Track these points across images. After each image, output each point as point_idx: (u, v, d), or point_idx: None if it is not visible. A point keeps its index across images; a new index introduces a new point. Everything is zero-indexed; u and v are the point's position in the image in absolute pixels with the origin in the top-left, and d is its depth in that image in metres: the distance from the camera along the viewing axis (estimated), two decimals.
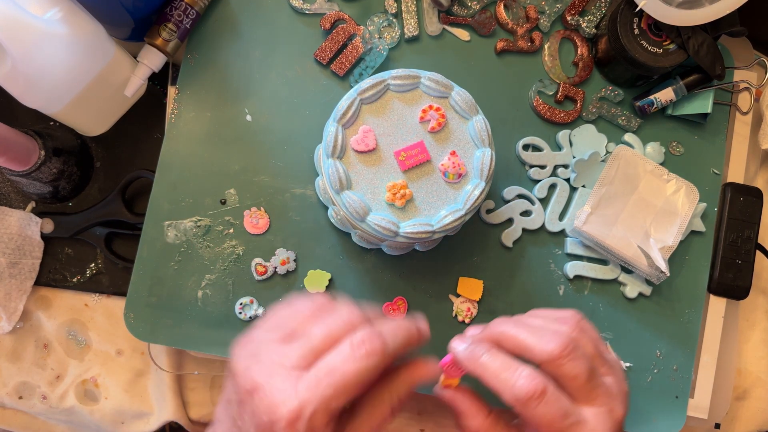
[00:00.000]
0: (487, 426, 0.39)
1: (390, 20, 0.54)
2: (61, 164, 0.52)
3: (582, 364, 0.37)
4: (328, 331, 0.35)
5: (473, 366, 0.38)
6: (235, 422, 0.35)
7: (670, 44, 0.52)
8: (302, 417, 0.32)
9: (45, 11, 0.42)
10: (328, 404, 0.33)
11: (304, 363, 0.34)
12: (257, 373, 0.34)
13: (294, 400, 0.32)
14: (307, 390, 0.33)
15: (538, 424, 0.36)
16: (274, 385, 0.33)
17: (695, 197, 0.54)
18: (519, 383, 0.36)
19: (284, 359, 0.34)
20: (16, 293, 0.54)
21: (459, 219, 0.44)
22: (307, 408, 0.32)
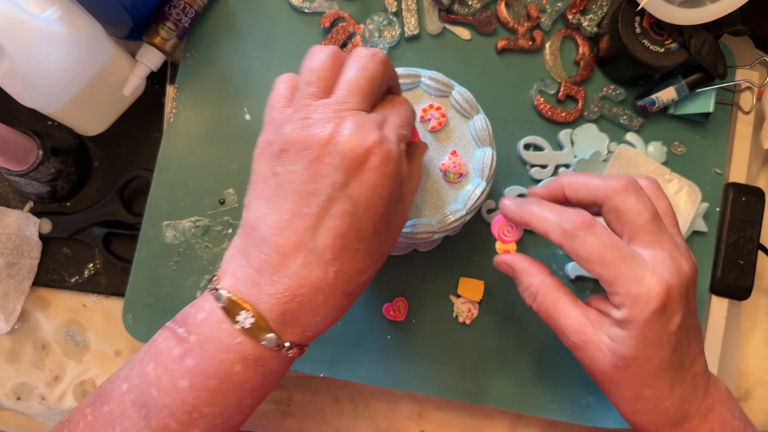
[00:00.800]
0: (550, 283, 0.39)
1: (390, 19, 0.53)
2: (59, 164, 0.51)
3: (648, 203, 0.36)
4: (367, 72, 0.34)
5: (521, 215, 0.39)
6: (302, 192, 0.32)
7: (671, 43, 0.51)
8: (389, 139, 0.33)
9: (43, 10, 0.42)
10: (402, 132, 0.34)
11: (362, 105, 0.34)
12: (322, 125, 0.33)
13: (374, 128, 0.32)
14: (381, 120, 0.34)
15: (587, 258, 0.36)
16: (352, 123, 0.32)
17: (697, 197, 0.53)
18: (567, 217, 0.37)
19: (341, 105, 0.33)
20: (14, 294, 0.53)
21: (459, 219, 0.44)
22: (390, 132, 0.33)
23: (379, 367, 0.51)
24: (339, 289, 0.34)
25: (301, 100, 0.34)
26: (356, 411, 0.55)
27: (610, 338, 0.36)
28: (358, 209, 0.32)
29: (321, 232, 0.32)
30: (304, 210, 0.32)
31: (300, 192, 0.32)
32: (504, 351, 0.52)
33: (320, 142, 0.32)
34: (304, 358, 0.50)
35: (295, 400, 0.55)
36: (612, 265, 0.35)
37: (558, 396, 0.52)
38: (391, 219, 0.34)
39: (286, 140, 0.33)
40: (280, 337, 0.33)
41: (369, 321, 0.51)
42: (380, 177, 0.32)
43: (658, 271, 0.35)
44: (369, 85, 0.34)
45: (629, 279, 0.35)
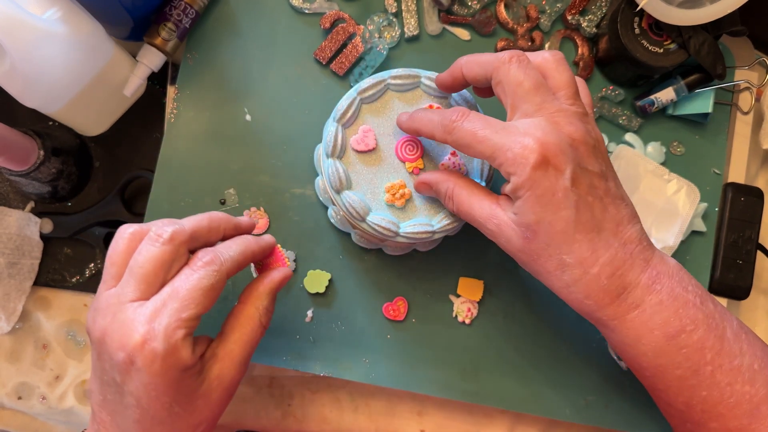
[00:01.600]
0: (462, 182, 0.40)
1: (390, 19, 0.53)
2: (60, 164, 0.52)
3: (530, 74, 0.36)
4: (150, 255, 0.34)
5: (411, 123, 0.41)
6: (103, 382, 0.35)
7: (670, 44, 0.52)
8: (156, 335, 0.32)
9: (44, 10, 0.42)
10: (179, 317, 0.33)
11: (140, 293, 0.34)
12: (101, 321, 0.34)
13: (142, 324, 0.33)
14: (153, 311, 0.33)
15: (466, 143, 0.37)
16: (119, 322, 0.33)
17: (696, 197, 0.54)
18: (446, 114, 0.38)
19: (121, 298, 0.34)
20: (15, 293, 0.53)
21: (459, 219, 0.44)
22: (158, 326, 0.32)
23: (379, 367, 0.51)
24: None
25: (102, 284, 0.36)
26: (356, 410, 0.56)
27: (514, 212, 0.37)
28: (142, 402, 0.33)
29: (124, 418, 0.34)
30: (106, 395, 0.35)
31: (101, 380, 0.35)
32: (503, 350, 0.52)
33: (98, 339, 0.34)
34: (304, 357, 0.50)
35: (295, 399, 0.55)
36: (488, 140, 0.35)
37: (557, 395, 0.52)
38: (193, 397, 0.35)
39: (87, 328, 0.36)
40: None
41: (369, 321, 0.51)
42: (148, 376, 0.33)
43: (531, 132, 0.34)
44: (149, 271, 0.34)
45: (506, 147, 0.35)
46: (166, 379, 0.33)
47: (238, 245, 0.37)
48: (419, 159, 0.45)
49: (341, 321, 0.51)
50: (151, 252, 0.34)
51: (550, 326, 0.53)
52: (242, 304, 0.38)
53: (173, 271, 0.35)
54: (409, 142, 0.45)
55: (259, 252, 0.39)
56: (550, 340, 0.53)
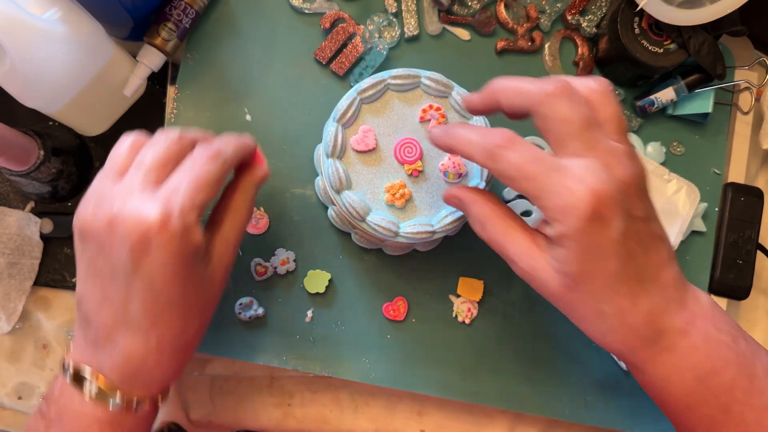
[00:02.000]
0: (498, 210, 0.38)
1: (390, 19, 0.53)
2: (60, 164, 0.52)
3: (579, 109, 0.33)
4: (158, 150, 0.36)
5: (448, 141, 0.38)
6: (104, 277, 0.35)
7: (670, 44, 0.52)
8: (173, 215, 0.33)
9: (44, 10, 0.42)
10: (193, 200, 0.34)
11: (149, 182, 0.35)
12: (107, 208, 0.34)
13: (158, 206, 0.33)
14: (167, 195, 0.34)
15: (510, 176, 0.34)
16: (131, 206, 0.34)
17: (696, 197, 0.54)
18: (488, 138, 0.35)
19: (130, 186, 0.35)
20: (15, 293, 0.54)
21: (459, 219, 0.44)
22: (175, 206, 0.34)
23: (379, 367, 0.51)
24: (166, 350, 0.37)
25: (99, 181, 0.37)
26: (356, 410, 0.56)
27: (555, 259, 0.34)
28: (156, 285, 0.34)
29: (130, 309, 0.35)
30: (111, 292, 0.35)
31: (103, 276, 0.35)
32: (503, 350, 0.53)
33: (104, 226, 0.34)
34: (304, 357, 0.50)
35: (296, 399, 0.55)
36: (535, 179, 0.33)
37: (557, 395, 0.53)
38: (202, 280, 0.37)
39: (81, 223, 0.36)
40: (127, 397, 0.37)
41: (369, 321, 0.51)
42: (166, 255, 0.34)
43: (585, 179, 0.32)
44: (160, 161, 0.36)
45: (554, 191, 0.32)
46: (180, 258, 0.34)
47: (235, 141, 0.40)
48: (418, 161, 0.45)
49: (341, 321, 0.51)
50: (160, 146, 0.36)
51: (550, 326, 0.53)
52: (230, 197, 0.41)
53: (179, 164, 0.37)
54: (407, 144, 0.45)
55: (248, 150, 0.41)
56: (550, 340, 0.53)
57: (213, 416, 0.55)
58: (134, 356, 0.36)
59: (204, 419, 0.56)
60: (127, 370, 0.36)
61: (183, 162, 0.36)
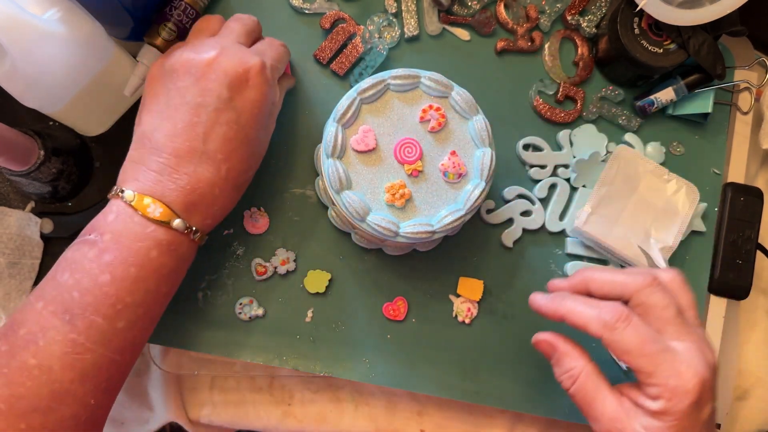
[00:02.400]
0: (591, 369, 0.40)
1: (390, 20, 0.53)
2: (61, 164, 0.52)
3: (672, 299, 0.38)
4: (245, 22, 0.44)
5: (557, 309, 0.40)
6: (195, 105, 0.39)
7: (670, 44, 0.52)
8: (266, 66, 0.41)
9: (44, 11, 0.42)
10: (277, 64, 0.43)
11: (242, 41, 0.42)
12: (207, 52, 0.40)
13: (255, 56, 0.40)
14: (260, 53, 0.42)
15: (627, 350, 0.37)
16: (235, 51, 0.40)
17: (696, 197, 0.54)
18: (605, 310, 0.38)
19: (227, 41, 0.41)
20: (15, 293, 0.54)
21: (459, 219, 0.44)
22: (267, 61, 0.41)
23: (379, 367, 0.51)
24: (230, 183, 0.41)
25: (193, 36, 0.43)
26: (356, 410, 0.56)
27: (644, 428, 0.37)
28: (242, 118, 0.40)
29: (211, 138, 0.39)
30: (194, 119, 0.39)
31: (190, 104, 0.39)
32: (503, 350, 0.53)
33: (205, 62, 0.39)
34: (304, 357, 0.50)
35: (296, 399, 0.55)
36: (651, 357, 0.36)
37: (557, 395, 0.53)
38: (266, 128, 0.43)
39: (175, 61, 0.40)
40: (188, 223, 0.39)
41: (369, 321, 0.51)
42: (258, 93, 0.40)
43: (693, 365, 0.36)
44: (247, 30, 0.43)
45: (667, 372, 0.36)
46: (266, 102, 0.41)
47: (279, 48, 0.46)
48: (418, 161, 0.45)
49: (341, 321, 0.51)
50: (244, 20, 0.44)
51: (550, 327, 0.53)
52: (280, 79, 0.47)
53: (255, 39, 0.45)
54: (407, 144, 0.45)
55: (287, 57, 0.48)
56: None
57: (213, 416, 0.55)
58: (202, 184, 0.39)
59: (204, 419, 0.56)
60: (191, 197, 0.39)
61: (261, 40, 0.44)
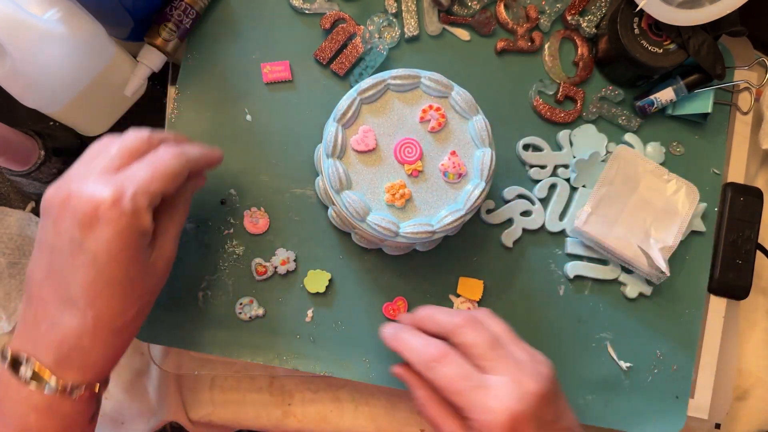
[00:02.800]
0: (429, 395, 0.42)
1: (390, 20, 0.53)
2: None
3: (484, 335, 0.40)
4: (125, 142, 0.39)
5: (395, 343, 0.43)
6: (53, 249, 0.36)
7: (670, 44, 0.52)
8: (125, 196, 0.35)
9: (44, 11, 0.42)
10: (147, 187, 0.36)
11: (110, 168, 0.37)
12: (67, 186, 0.37)
13: (113, 187, 0.36)
14: (125, 178, 0.36)
15: (443, 386, 0.39)
16: (88, 184, 0.36)
17: (695, 197, 0.54)
18: (425, 349, 0.41)
19: (91, 170, 0.37)
20: (15, 293, 0.54)
21: (459, 219, 0.44)
22: (128, 189, 0.36)
23: (379, 367, 0.51)
24: (104, 330, 0.37)
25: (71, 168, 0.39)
26: (356, 410, 0.56)
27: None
28: (99, 260, 0.35)
29: (72, 283, 0.36)
30: (55, 264, 0.36)
31: (51, 248, 0.36)
32: None
33: (59, 201, 0.36)
34: (304, 357, 0.50)
35: (296, 399, 0.56)
36: (463, 394, 0.38)
37: None
38: (146, 264, 0.38)
39: (44, 199, 0.37)
40: (62, 381, 0.36)
41: (369, 321, 0.51)
42: (112, 230, 0.35)
43: (503, 399, 0.37)
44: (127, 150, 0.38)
45: (479, 408, 0.38)
46: (127, 237, 0.36)
47: (201, 147, 0.42)
48: (418, 161, 0.45)
49: (341, 321, 0.51)
50: (126, 140, 0.39)
51: (549, 326, 0.53)
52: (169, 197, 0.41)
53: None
54: (407, 144, 0.45)
55: (213, 161, 0.44)
56: (550, 340, 0.53)
57: (213, 416, 0.55)
58: (69, 335, 0.36)
59: (204, 419, 0.56)
60: (61, 350, 0.36)
61: (146, 156, 0.38)
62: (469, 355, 0.40)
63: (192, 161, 0.40)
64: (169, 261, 0.41)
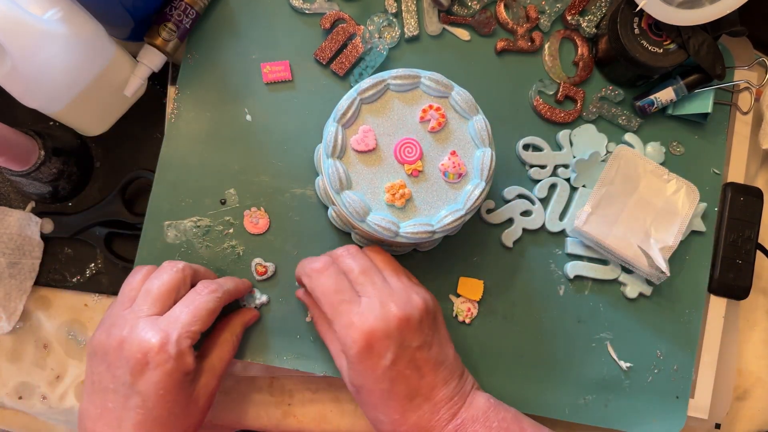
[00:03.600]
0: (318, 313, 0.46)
1: (390, 20, 0.53)
2: (61, 164, 0.52)
3: (361, 262, 0.44)
4: (163, 280, 0.43)
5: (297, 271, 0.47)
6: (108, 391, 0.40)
7: (670, 44, 0.52)
8: (170, 341, 0.40)
9: (45, 11, 0.42)
10: (189, 329, 0.41)
11: (155, 310, 0.42)
12: (118, 332, 0.41)
13: (159, 331, 0.40)
14: (169, 323, 0.41)
15: (318, 297, 0.43)
16: (138, 330, 0.40)
17: (695, 197, 0.54)
18: (310, 263, 0.44)
19: (138, 313, 0.42)
20: (15, 293, 0.54)
21: (459, 219, 0.44)
22: (173, 334, 0.40)
23: None
24: None
25: (114, 308, 0.44)
26: (357, 410, 0.56)
27: (344, 367, 0.44)
28: (149, 402, 0.39)
29: (124, 423, 0.40)
30: (108, 405, 0.40)
31: (105, 390, 0.40)
32: (503, 350, 0.53)
33: (115, 347, 0.40)
34: (304, 357, 0.50)
35: (296, 399, 0.56)
36: (333, 307, 0.42)
37: (557, 395, 0.53)
38: (188, 401, 0.42)
39: (94, 345, 0.42)
40: None
41: None
42: (161, 373, 0.39)
43: (365, 317, 0.41)
44: (166, 290, 0.43)
45: (343, 322, 0.41)
46: (172, 379, 0.40)
47: (233, 281, 0.47)
48: (418, 161, 0.45)
49: None
50: (164, 277, 0.43)
51: (549, 326, 0.53)
52: (220, 330, 0.47)
53: (180, 294, 0.44)
54: (407, 144, 0.45)
55: (244, 290, 0.49)
56: (550, 340, 0.53)
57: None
58: None
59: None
60: None
61: (186, 295, 0.43)
62: (348, 280, 0.43)
63: (225, 297, 0.45)
64: (211, 395, 0.44)
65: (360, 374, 0.41)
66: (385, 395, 0.41)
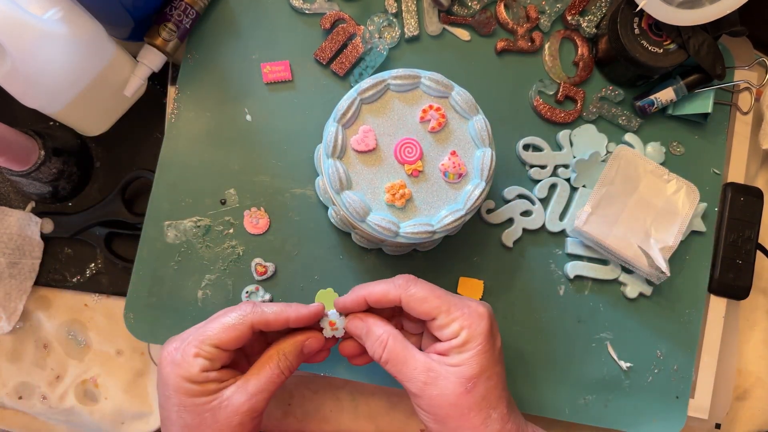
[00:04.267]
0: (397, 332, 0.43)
1: (390, 20, 0.53)
2: (61, 164, 0.52)
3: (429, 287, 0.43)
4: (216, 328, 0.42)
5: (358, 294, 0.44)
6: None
7: (670, 44, 0.52)
8: (178, 349, 0.41)
9: (45, 11, 0.42)
10: (198, 341, 0.41)
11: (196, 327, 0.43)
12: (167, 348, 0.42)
13: (176, 340, 0.42)
14: (188, 334, 0.42)
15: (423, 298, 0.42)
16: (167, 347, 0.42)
17: (696, 197, 0.54)
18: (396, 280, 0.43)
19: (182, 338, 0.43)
20: (15, 293, 0.54)
21: (459, 219, 0.44)
22: (182, 344, 0.41)
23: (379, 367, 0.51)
24: None
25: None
26: (357, 410, 0.56)
27: (455, 365, 0.40)
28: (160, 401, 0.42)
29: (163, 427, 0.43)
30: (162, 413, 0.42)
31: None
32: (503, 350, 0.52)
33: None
34: None
35: (296, 398, 0.56)
36: (444, 299, 0.42)
37: (557, 395, 0.53)
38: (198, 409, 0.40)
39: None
40: None
41: None
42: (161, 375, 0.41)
43: (475, 302, 0.42)
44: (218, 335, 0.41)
45: (461, 304, 0.41)
46: (171, 382, 0.40)
47: (277, 306, 0.43)
48: (418, 161, 0.45)
49: None
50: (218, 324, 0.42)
51: (549, 326, 0.53)
52: (269, 349, 0.43)
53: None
54: (407, 144, 0.45)
55: (294, 320, 0.43)
56: (550, 340, 0.53)
57: None
58: None
59: None
60: None
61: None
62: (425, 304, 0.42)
63: (261, 316, 0.42)
64: (239, 413, 0.41)
65: (483, 355, 0.40)
66: (501, 382, 0.41)
